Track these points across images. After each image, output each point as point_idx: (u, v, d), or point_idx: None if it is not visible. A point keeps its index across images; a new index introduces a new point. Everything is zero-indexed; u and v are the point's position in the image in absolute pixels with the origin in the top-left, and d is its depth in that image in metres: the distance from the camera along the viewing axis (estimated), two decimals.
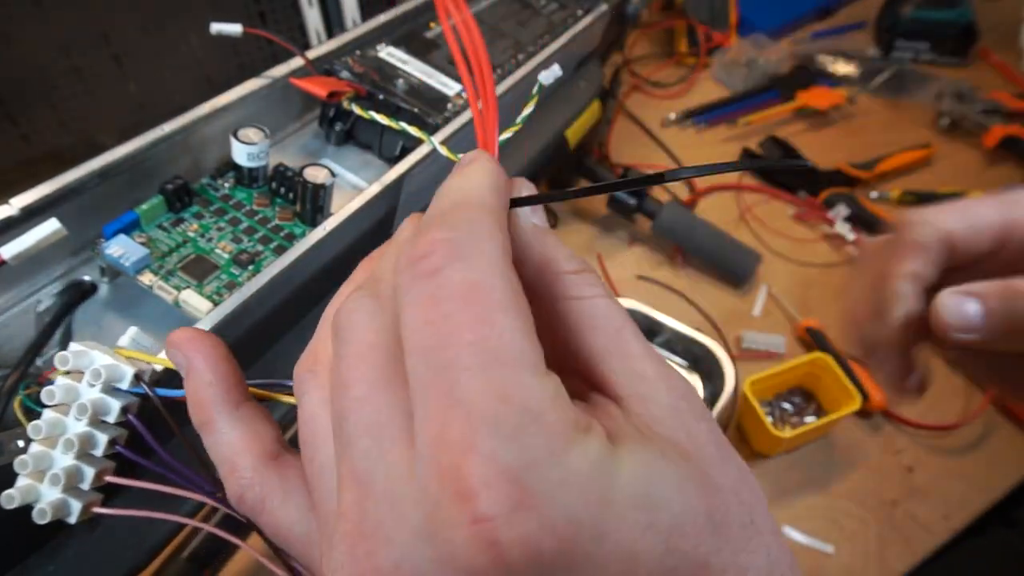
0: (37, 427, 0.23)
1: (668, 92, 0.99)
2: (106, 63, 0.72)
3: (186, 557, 0.40)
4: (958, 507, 0.60)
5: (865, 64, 1.01)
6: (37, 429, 0.23)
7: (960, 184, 0.85)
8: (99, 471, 0.24)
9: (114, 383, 0.23)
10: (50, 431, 0.23)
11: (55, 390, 0.23)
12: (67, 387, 0.23)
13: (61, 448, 0.23)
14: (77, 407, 0.23)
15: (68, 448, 0.23)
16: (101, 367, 0.23)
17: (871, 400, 0.63)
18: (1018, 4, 1.06)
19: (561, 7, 0.59)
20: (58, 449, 0.23)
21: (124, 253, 0.34)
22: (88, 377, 0.23)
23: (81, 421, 0.23)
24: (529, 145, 0.58)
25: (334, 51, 0.46)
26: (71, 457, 0.23)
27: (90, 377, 0.23)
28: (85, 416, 0.23)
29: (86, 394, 0.23)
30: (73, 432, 0.23)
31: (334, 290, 0.21)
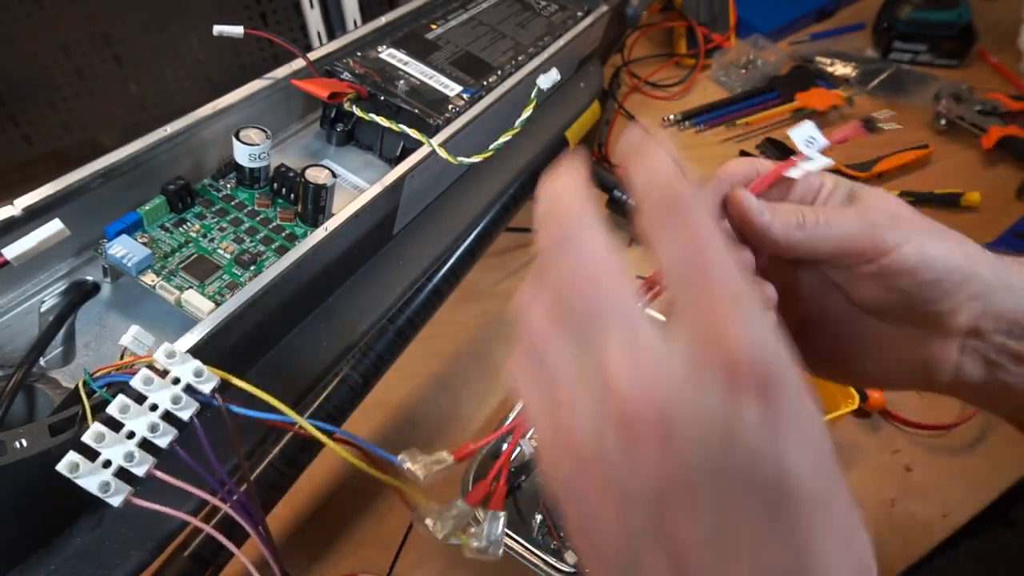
0: (123, 406, 0.25)
1: (667, 93, 0.99)
2: (107, 64, 0.72)
3: (188, 556, 0.40)
4: (956, 506, 0.60)
5: (863, 65, 1.01)
6: (123, 408, 0.25)
7: (958, 185, 0.85)
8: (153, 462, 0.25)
9: (200, 386, 0.26)
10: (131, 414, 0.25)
11: (151, 378, 0.25)
12: (155, 379, 0.25)
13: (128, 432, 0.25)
14: (169, 396, 0.25)
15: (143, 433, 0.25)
16: (203, 368, 0.25)
17: (869, 400, 0.63)
18: (1016, 5, 1.07)
19: (561, 8, 0.59)
20: (123, 432, 0.25)
21: (126, 253, 0.34)
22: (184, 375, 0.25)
23: (155, 412, 0.25)
24: (529, 145, 0.58)
25: (335, 52, 0.46)
26: (135, 443, 0.25)
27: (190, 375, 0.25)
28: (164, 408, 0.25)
29: (173, 389, 0.25)
30: (153, 419, 0.25)
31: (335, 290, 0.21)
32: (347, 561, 0.56)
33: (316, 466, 0.48)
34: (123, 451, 0.24)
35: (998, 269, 0.29)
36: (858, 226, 0.29)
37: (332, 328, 0.41)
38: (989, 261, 0.29)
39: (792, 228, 0.29)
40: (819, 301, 0.33)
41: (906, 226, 0.29)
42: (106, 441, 0.24)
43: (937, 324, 0.30)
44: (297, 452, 0.46)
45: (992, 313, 0.29)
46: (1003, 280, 0.29)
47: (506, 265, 0.78)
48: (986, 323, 0.29)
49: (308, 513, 0.59)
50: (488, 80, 0.49)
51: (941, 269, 0.29)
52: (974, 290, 0.29)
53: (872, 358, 0.33)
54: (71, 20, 0.68)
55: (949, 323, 0.30)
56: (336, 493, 0.60)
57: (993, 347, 0.30)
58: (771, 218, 0.29)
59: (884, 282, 0.29)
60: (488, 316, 0.72)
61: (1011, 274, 0.29)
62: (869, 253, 0.29)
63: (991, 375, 0.30)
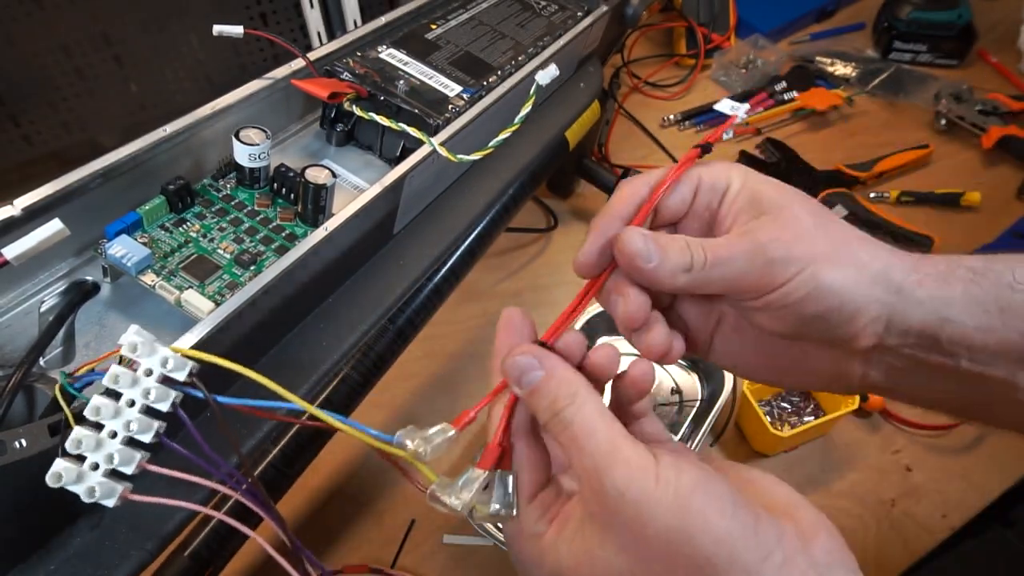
0: (96, 408, 0.24)
1: (667, 93, 0.99)
2: (107, 64, 0.72)
3: (188, 555, 0.40)
4: (956, 506, 0.61)
5: (863, 65, 1.01)
6: (96, 410, 0.24)
7: (958, 184, 0.85)
8: (141, 458, 0.25)
9: (173, 375, 0.25)
10: (106, 415, 0.24)
11: (119, 375, 0.24)
12: (124, 374, 0.24)
13: (110, 432, 0.24)
14: (141, 391, 0.24)
15: (123, 431, 0.24)
16: (170, 356, 0.24)
17: (869, 400, 0.64)
18: (1016, 5, 1.07)
19: (561, 8, 0.59)
20: (105, 433, 0.24)
21: (126, 253, 0.34)
22: (153, 365, 0.24)
23: (133, 408, 0.24)
24: (529, 145, 0.58)
25: (335, 52, 0.46)
26: (119, 442, 0.24)
27: (157, 365, 0.24)
28: (142, 403, 0.24)
29: (146, 382, 0.24)
30: (128, 417, 0.24)
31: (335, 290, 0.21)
32: (349, 559, 0.56)
33: (316, 466, 0.48)
34: (105, 453, 0.24)
35: (906, 286, 0.28)
36: (746, 264, 0.28)
37: (332, 328, 0.41)
38: (895, 279, 0.28)
39: (679, 272, 0.29)
40: (727, 319, 0.33)
41: (802, 251, 0.28)
42: (86, 445, 0.24)
43: (838, 346, 0.29)
44: (298, 451, 0.46)
45: (898, 330, 0.28)
46: (911, 296, 0.28)
47: (506, 265, 0.78)
48: (892, 340, 0.29)
49: (308, 513, 0.59)
50: (488, 80, 0.49)
51: (834, 300, 0.28)
52: (874, 314, 0.28)
53: (784, 369, 0.32)
54: (71, 20, 0.68)
55: (850, 344, 0.29)
56: (336, 493, 0.60)
57: (899, 358, 0.29)
58: (657, 263, 0.28)
59: (777, 313, 0.29)
60: (488, 316, 0.72)
61: (920, 288, 0.28)
62: (759, 289, 0.28)
63: (901, 380, 0.30)
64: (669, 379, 0.66)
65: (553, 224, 0.82)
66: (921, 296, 0.28)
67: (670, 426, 0.62)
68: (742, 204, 0.30)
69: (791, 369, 0.32)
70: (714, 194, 0.31)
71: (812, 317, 0.28)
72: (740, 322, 0.32)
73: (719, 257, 0.29)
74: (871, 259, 0.29)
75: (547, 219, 0.83)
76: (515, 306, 0.30)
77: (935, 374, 0.29)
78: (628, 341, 0.31)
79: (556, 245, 0.80)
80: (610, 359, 0.29)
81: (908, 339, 0.29)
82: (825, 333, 0.29)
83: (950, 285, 0.28)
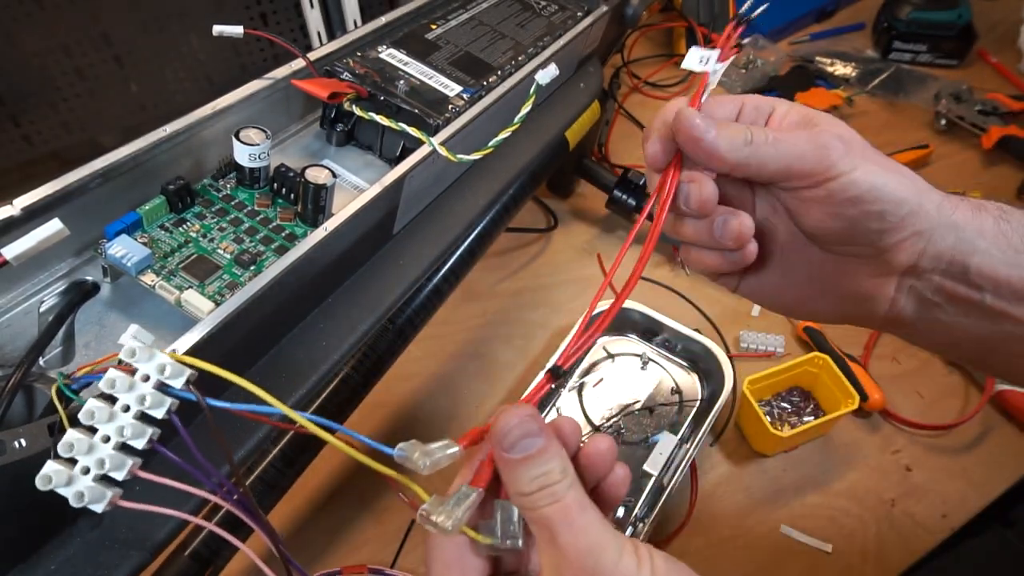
0: (91, 412, 0.24)
1: (667, 93, 0.99)
2: (107, 64, 0.72)
3: (188, 555, 0.40)
4: (956, 506, 0.60)
5: (863, 65, 1.01)
6: (91, 414, 0.24)
7: (958, 184, 0.85)
8: (133, 464, 0.25)
9: (170, 381, 0.24)
10: (100, 419, 0.24)
11: (116, 379, 0.24)
12: (121, 379, 0.24)
13: (103, 436, 0.24)
14: (136, 397, 0.24)
15: (116, 436, 0.24)
16: (167, 362, 0.24)
17: (869, 400, 0.64)
18: (1016, 5, 1.07)
19: (561, 8, 0.59)
20: (98, 437, 0.24)
21: (126, 253, 0.34)
22: (150, 371, 0.24)
23: (128, 413, 0.24)
24: (529, 145, 0.58)
25: (335, 52, 0.46)
26: (112, 447, 0.24)
27: (154, 371, 0.24)
28: (137, 409, 0.24)
29: (142, 387, 0.24)
30: (122, 422, 0.24)
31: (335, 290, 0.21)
32: (348, 560, 0.56)
33: (316, 466, 0.48)
34: (96, 458, 0.24)
35: (944, 207, 0.29)
36: (806, 147, 0.29)
37: (332, 328, 0.41)
38: (936, 198, 0.29)
39: (739, 144, 0.29)
40: (770, 227, 0.33)
41: (857, 154, 0.29)
42: (78, 448, 0.24)
43: (878, 258, 0.30)
44: (297, 452, 0.46)
45: (932, 252, 0.29)
46: (947, 218, 0.29)
47: (506, 265, 0.78)
48: (925, 262, 0.29)
49: (308, 513, 0.59)
50: (488, 80, 0.49)
51: (888, 200, 0.28)
52: (919, 226, 0.29)
53: (814, 291, 0.33)
54: (71, 20, 0.68)
55: (890, 258, 0.30)
56: (336, 493, 0.60)
57: (929, 286, 0.30)
58: (717, 135, 0.29)
59: (830, 208, 0.29)
60: (488, 316, 0.73)
61: (956, 213, 0.29)
62: (817, 175, 0.29)
63: (926, 313, 0.30)
64: (669, 379, 0.66)
65: (553, 224, 0.82)
66: (957, 220, 0.29)
67: (670, 426, 0.62)
68: (793, 120, 0.31)
69: (823, 290, 0.32)
70: (759, 115, 0.32)
71: (868, 214, 0.28)
72: (780, 235, 0.32)
73: (781, 136, 0.29)
74: (916, 176, 0.30)
75: (547, 219, 0.83)
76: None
77: (959, 308, 0.30)
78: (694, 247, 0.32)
79: (556, 245, 0.80)
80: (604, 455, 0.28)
81: (940, 264, 0.29)
82: (874, 236, 0.29)
83: (982, 216, 0.30)
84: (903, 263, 0.30)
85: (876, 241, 0.29)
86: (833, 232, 0.30)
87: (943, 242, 0.29)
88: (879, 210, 0.28)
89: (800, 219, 0.31)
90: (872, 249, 0.30)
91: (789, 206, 0.31)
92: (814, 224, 0.30)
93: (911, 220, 0.29)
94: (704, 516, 0.59)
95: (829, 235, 0.30)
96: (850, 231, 0.29)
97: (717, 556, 0.58)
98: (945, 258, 0.29)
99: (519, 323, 0.72)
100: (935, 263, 0.29)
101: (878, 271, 0.30)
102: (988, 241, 0.29)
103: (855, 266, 0.31)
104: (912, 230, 0.29)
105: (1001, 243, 0.29)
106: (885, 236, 0.29)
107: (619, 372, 0.66)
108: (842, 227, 0.29)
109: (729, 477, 0.62)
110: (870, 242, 0.29)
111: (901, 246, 0.29)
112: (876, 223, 0.29)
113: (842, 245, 0.30)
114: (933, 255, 0.29)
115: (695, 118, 0.29)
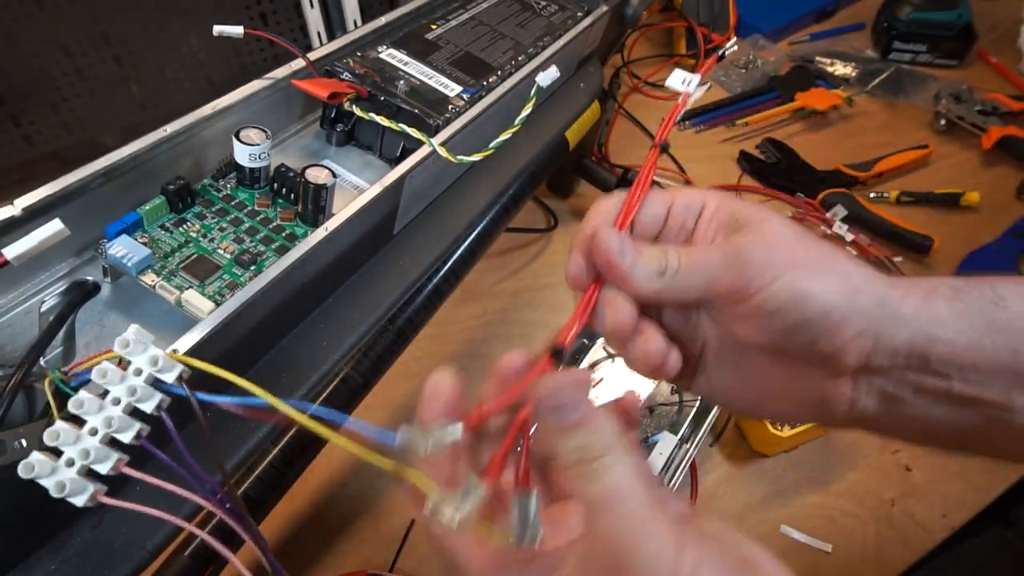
0: (80, 402, 0.24)
1: (667, 93, 0.99)
2: (107, 64, 0.72)
3: (189, 555, 0.40)
4: (956, 506, 0.61)
5: (863, 65, 1.01)
6: (80, 403, 0.24)
7: (957, 185, 0.85)
8: (118, 459, 0.25)
9: (161, 376, 0.24)
10: (88, 409, 0.24)
11: (107, 370, 0.24)
12: (113, 371, 0.24)
13: (91, 428, 0.24)
14: (126, 389, 0.24)
15: (103, 428, 0.24)
16: (159, 356, 0.24)
17: None
18: (1016, 5, 1.07)
19: (561, 8, 0.59)
20: (86, 429, 0.24)
21: (127, 253, 0.34)
22: (143, 365, 0.24)
23: (118, 406, 0.24)
24: (529, 145, 0.58)
25: (335, 52, 0.46)
26: (98, 439, 0.24)
27: (147, 365, 0.24)
28: (127, 401, 0.24)
29: (132, 380, 0.24)
30: (111, 414, 0.24)
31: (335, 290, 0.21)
32: (347, 561, 0.56)
33: (316, 466, 0.48)
34: (81, 448, 0.24)
35: (889, 301, 0.27)
36: (722, 265, 0.28)
37: (332, 328, 0.41)
38: (879, 292, 0.27)
39: (654, 275, 0.28)
40: (713, 341, 0.31)
41: (780, 260, 0.27)
42: (63, 439, 0.24)
43: (825, 363, 0.28)
44: (297, 453, 0.46)
45: (884, 349, 0.27)
46: (894, 312, 0.27)
47: (506, 265, 0.78)
48: (879, 360, 0.27)
49: (308, 513, 0.59)
50: (488, 80, 0.49)
51: (813, 310, 0.27)
52: (858, 327, 0.27)
53: (768, 395, 0.31)
54: (71, 20, 0.68)
55: (835, 363, 0.27)
56: (336, 493, 0.60)
57: (890, 382, 0.28)
58: (631, 262, 0.28)
59: (756, 323, 0.28)
60: (488, 316, 0.73)
61: (903, 305, 0.27)
62: (735, 294, 0.27)
63: (892, 408, 0.28)
64: None
65: (553, 224, 0.82)
66: (906, 312, 0.27)
67: (670, 426, 0.62)
68: (721, 221, 0.29)
69: (777, 394, 0.30)
70: (688, 213, 0.30)
71: (795, 327, 0.27)
72: (724, 343, 0.31)
73: (694, 260, 0.28)
74: (855, 269, 0.28)
75: (547, 219, 0.83)
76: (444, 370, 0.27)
77: (927, 399, 0.28)
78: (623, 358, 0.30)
79: (556, 245, 0.80)
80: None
81: (897, 359, 0.27)
82: (809, 346, 0.27)
83: (934, 301, 0.27)
84: (852, 364, 0.27)
85: (816, 346, 0.27)
86: (767, 345, 0.28)
87: (895, 338, 0.27)
88: (805, 319, 0.27)
89: (733, 333, 0.29)
90: (815, 353, 0.28)
91: (718, 321, 0.30)
92: (746, 338, 0.29)
93: (847, 324, 0.27)
94: None
95: (768, 347, 0.28)
96: (783, 342, 0.28)
97: None
98: (902, 353, 0.27)
99: (519, 323, 0.72)
100: (891, 359, 0.27)
101: (829, 374, 0.28)
102: (945, 327, 0.27)
103: (805, 370, 0.29)
104: (851, 333, 0.27)
105: (959, 326, 0.27)
106: (821, 344, 0.27)
107: (619, 372, 0.66)
108: (773, 339, 0.28)
109: (729, 477, 0.62)
110: (809, 348, 0.27)
111: (845, 349, 0.27)
112: (805, 334, 0.27)
113: (785, 353, 0.28)
114: (886, 352, 0.27)
115: (611, 241, 0.28)
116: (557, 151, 0.65)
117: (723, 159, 0.91)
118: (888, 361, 0.27)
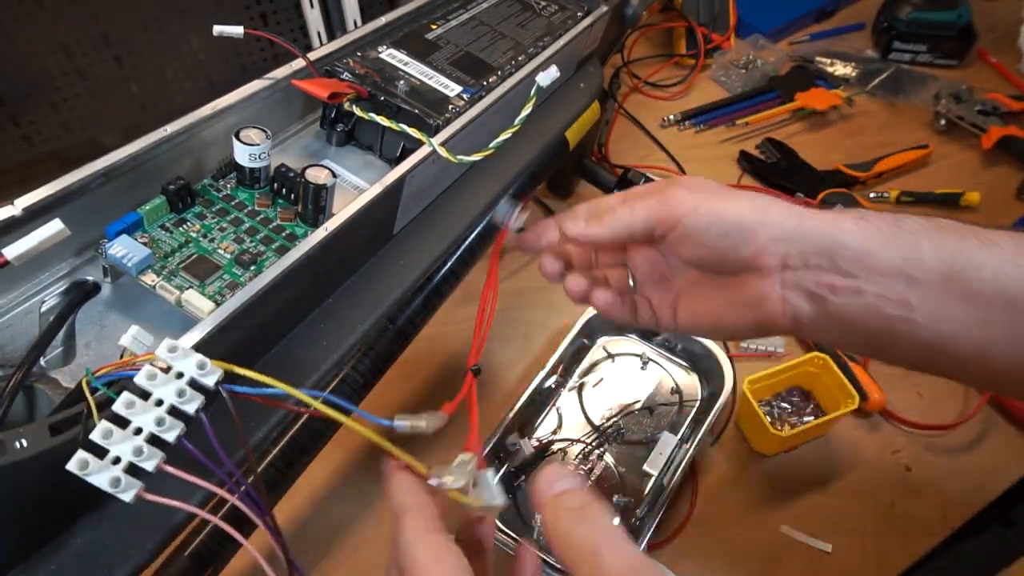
0: (130, 401, 0.25)
1: (667, 93, 0.99)
2: (107, 64, 0.72)
3: (188, 555, 0.40)
4: (956, 506, 0.61)
5: (863, 65, 1.01)
6: (129, 403, 0.25)
7: (957, 185, 0.85)
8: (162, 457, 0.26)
9: (203, 380, 0.26)
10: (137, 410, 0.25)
11: (154, 373, 0.25)
12: (161, 375, 0.26)
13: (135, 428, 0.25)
14: (174, 391, 0.25)
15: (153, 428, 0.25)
16: (206, 360, 0.26)
17: (869, 400, 0.64)
18: (1016, 5, 1.07)
19: (561, 8, 0.59)
20: (130, 429, 0.25)
21: (127, 253, 0.34)
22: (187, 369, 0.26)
23: (161, 407, 0.25)
24: (529, 146, 0.58)
25: (335, 52, 0.46)
26: (143, 438, 0.25)
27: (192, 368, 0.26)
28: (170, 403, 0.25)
29: (178, 383, 0.26)
30: (159, 414, 0.25)
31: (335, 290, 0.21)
32: (348, 561, 0.56)
33: (317, 466, 0.48)
34: (132, 447, 0.25)
35: (798, 215, 0.34)
36: (653, 202, 0.35)
37: (332, 328, 0.41)
38: (788, 209, 0.34)
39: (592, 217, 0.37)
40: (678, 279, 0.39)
41: (701, 195, 0.34)
42: (114, 438, 0.25)
43: (751, 267, 0.34)
44: (298, 452, 0.46)
45: (796, 252, 0.33)
46: (801, 223, 0.33)
47: (506, 265, 0.78)
48: (793, 260, 0.33)
49: (308, 513, 0.59)
50: (488, 80, 0.49)
51: (729, 222, 0.34)
52: (770, 233, 0.33)
53: (724, 308, 0.37)
54: (71, 20, 0.68)
55: (761, 263, 0.34)
56: (336, 493, 0.60)
57: (810, 279, 0.33)
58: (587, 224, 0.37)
59: (691, 243, 0.35)
60: None
61: (811, 218, 0.33)
62: (670, 221, 0.35)
63: (819, 307, 0.33)
64: (669, 379, 0.66)
65: None
66: (814, 223, 0.33)
67: (670, 426, 0.62)
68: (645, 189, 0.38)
69: (727, 305, 0.37)
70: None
71: (719, 236, 0.34)
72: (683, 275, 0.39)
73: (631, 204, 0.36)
74: (767, 198, 0.35)
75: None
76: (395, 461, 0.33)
77: (844, 296, 0.33)
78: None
79: None
80: None
81: (810, 260, 0.33)
82: (735, 251, 0.34)
83: (840, 219, 0.33)
84: (773, 265, 0.34)
85: (737, 256, 0.34)
86: (704, 260, 0.36)
87: (805, 241, 0.33)
88: (723, 232, 0.34)
89: (680, 258, 0.37)
90: (740, 262, 0.34)
91: (666, 253, 0.39)
92: (688, 259, 0.36)
93: (760, 231, 0.33)
94: (704, 516, 0.59)
95: (703, 263, 0.36)
96: (714, 255, 0.35)
97: (717, 556, 0.58)
98: (812, 253, 0.33)
99: (519, 323, 0.72)
100: (804, 260, 0.33)
101: (759, 276, 0.34)
102: (849, 236, 0.33)
103: (741, 278, 0.35)
104: (765, 239, 0.33)
105: (862, 236, 0.32)
106: (741, 249, 0.34)
107: (619, 372, 0.66)
108: (706, 254, 0.35)
109: (729, 477, 0.62)
110: (734, 258, 0.34)
111: (763, 250, 0.33)
112: (728, 242, 0.34)
113: (719, 266, 0.35)
114: (798, 253, 0.33)
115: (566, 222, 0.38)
116: (557, 151, 0.65)
117: (723, 159, 0.91)
118: (802, 261, 0.33)
